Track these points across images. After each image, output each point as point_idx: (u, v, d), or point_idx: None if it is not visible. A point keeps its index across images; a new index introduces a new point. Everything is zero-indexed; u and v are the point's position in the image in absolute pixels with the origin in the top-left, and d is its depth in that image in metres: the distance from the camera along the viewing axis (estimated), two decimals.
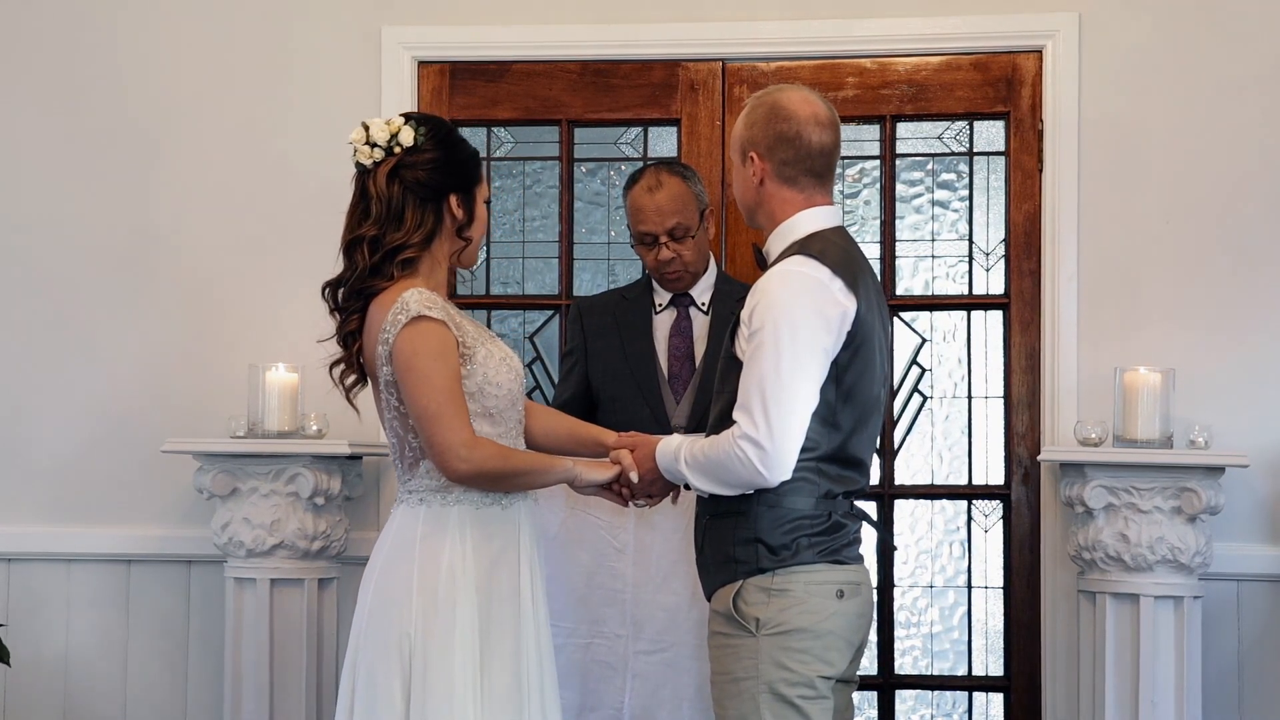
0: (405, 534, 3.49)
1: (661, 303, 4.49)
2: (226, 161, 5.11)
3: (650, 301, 4.50)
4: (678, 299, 4.48)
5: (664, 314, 4.49)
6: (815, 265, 3.38)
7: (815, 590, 3.40)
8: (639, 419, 4.21)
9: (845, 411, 3.42)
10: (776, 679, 3.38)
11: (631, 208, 4.44)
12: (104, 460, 5.09)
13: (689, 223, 4.39)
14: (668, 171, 4.44)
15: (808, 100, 3.52)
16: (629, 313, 4.51)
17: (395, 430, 3.53)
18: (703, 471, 3.44)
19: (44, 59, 5.16)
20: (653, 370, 4.42)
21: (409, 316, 3.42)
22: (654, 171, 4.45)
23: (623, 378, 4.44)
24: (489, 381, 3.50)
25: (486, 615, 3.46)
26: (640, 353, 4.45)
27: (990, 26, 4.95)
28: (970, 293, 5.02)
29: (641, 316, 4.49)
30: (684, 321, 4.46)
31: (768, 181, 3.52)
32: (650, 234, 4.40)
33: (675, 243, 4.38)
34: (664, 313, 4.48)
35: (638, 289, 4.56)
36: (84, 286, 5.13)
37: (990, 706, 4.98)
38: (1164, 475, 4.54)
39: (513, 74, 5.09)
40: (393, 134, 3.52)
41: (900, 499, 5.01)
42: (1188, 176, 4.86)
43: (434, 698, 3.38)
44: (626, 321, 4.49)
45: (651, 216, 4.38)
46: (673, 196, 4.39)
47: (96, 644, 5.08)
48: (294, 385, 4.86)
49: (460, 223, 3.58)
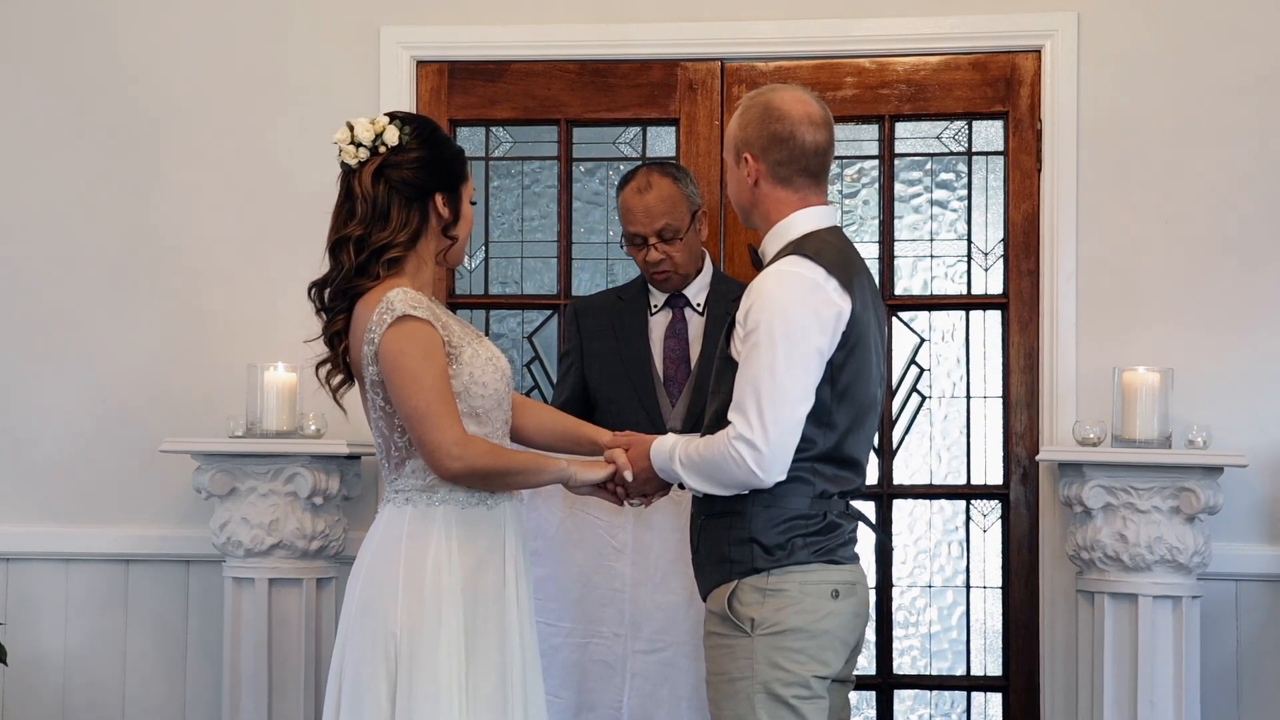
0: (391, 534, 3.48)
1: (657, 304, 4.48)
2: (225, 161, 5.11)
3: (646, 302, 4.50)
4: (673, 300, 4.46)
5: (659, 315, 4.48)
6: (810, 265, 3.37)
7: (810, 590, 3.39)
8: (635, 420, 4.21)
9: (840, 411, 3.41)
10: (772, 679, 3.37)
11: (621, 208, 4.43)
12: (102, 460, 5.09)
13: (678, 224, 4.37)
14: (659, 172, 4.43)
15: (801, 100, 3.51)
16: (625, 314, 4.50)
17: (381, 430, 3.52)
18: (697, 472, 3.43)
19: (41, 59, 5.16)
20: (648, 371, 4.42)
21: (394, 316, 3.40)
22: (645, 172, 4.44)
23: (618, 379, 4.43)
24: (475, 381, 3.49)
25: (472, 615, 3.45)
26: (635, 354, 4.44)
27: (989, 26, 4.94)
28: (969, 292, 5.02)
29: (637, 318, 4.48)
30: (679, 323, 4.45)
31: (762, 182, 3.51)
32: (639, 235, 4.39)
33: (664, 244, 4.37)
34: (659, 314, 4.48)
35: (633, 289, 4.55)
36: (82, 286, 5.13)
37: (989, 706, 4.98)
38: (1162, 475, 4.54)
39: (511, 74, 5.08)
40: (377, 133, 3.51)
41: (899, 499, 5.01)
42: (1187, 176, 4.86)
43: (419, 697, 3.38)
44: (622, 323, 4.48)
45: (640, 217, 4.38)
46: (662, 198, 4.37)
47: (95, 644, 5.08)
48: (292, 385, 4.86)
49: (446, 222, 3.56)
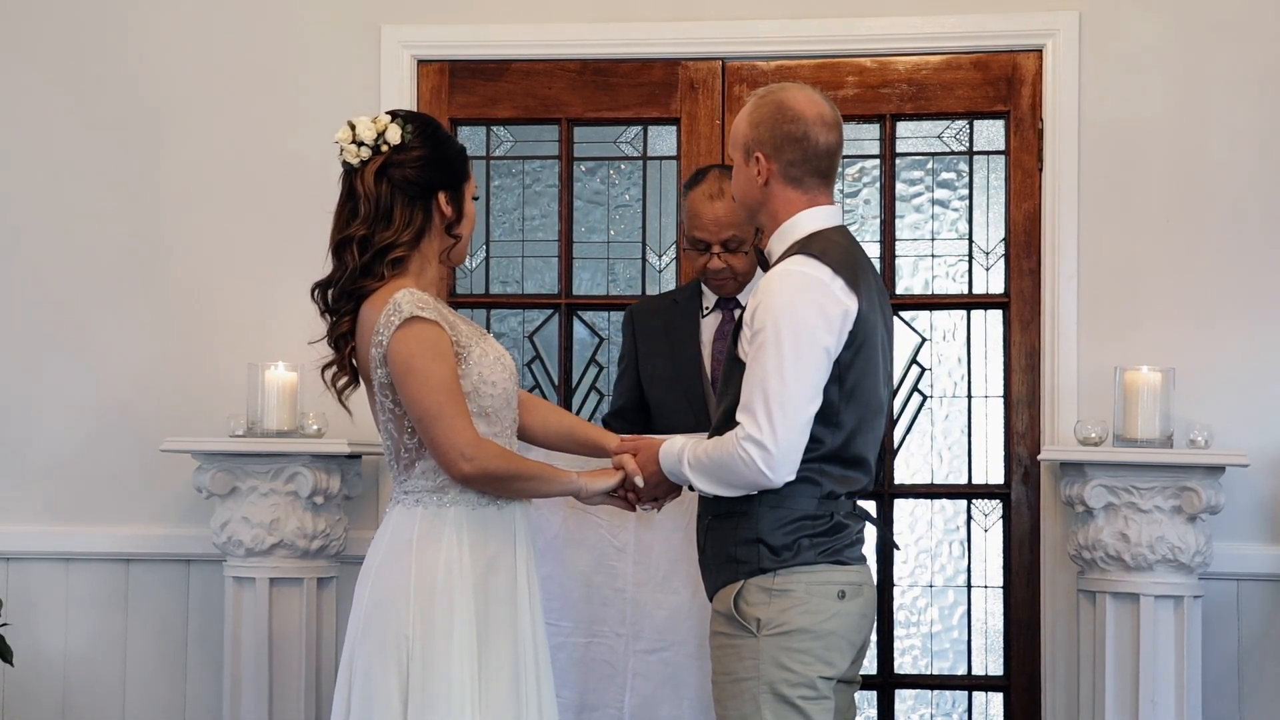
0: (401, 535, 3.47)
1: (708, 305, 4.39)
2: (225, 160, 5.10)
3: (698, 305, 4.41)
4: (724, 302, 4.36)
5: (710, 317, 4.38)
6: (816, 265, 3.37)
7: (817, 590, 3.39)
8: (685, 423, 4.11)
9: (848, 411, 3.40)
10: (778, 679, 3.37)
11: (690, 211, 4.29)
12: (103, 459, 5.08)
13: (744, 235, 4.24)
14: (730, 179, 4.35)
15: (813, 100, 3.50)
16: (678, 317, 4.42)
17: (390, 432, 3.51)
18: (706, 473, 3.43)
19: (43, 58, 5.16)
20: (698, 374, 4.35)
21: (402, 318, 3.39)
22: (718, 177, 4.27)
23: (669, 382, 4.36)
24: (484, 380, 3.48)
25: (483, 616, 3.44)
26: (686, 357, 4.36)
27: (990, 25, 4.95)
28: (970, 292, 5.02)
29: (689, 320, 4.41)
30: (728, 325, 4.32)
31: (773, 182, 3.49)
32: (705, 242, 4.27)
33: (728, 254, 4.27)
34: (710, 316, 4.39)
35: (688, 292, 4.46)
36: (83, 285, 5.12)
37: (990, 706, 4.98)
38: (1164, 475, 4.54)
39: (512, 73, 5.08)
40: (379, 132, 3.49)
41: (900, 498, 5.01)
42: (1188, 176, 4.86)
43: (432, 699, 3.37)
44: (675, 325, 4.40)
45: (709, 224, 4.24)
46: (732, 209, 4.15)
47: (96, 643, 5.08)
48: (293, 384, 4.85)
49: (449, 220, 3.54)
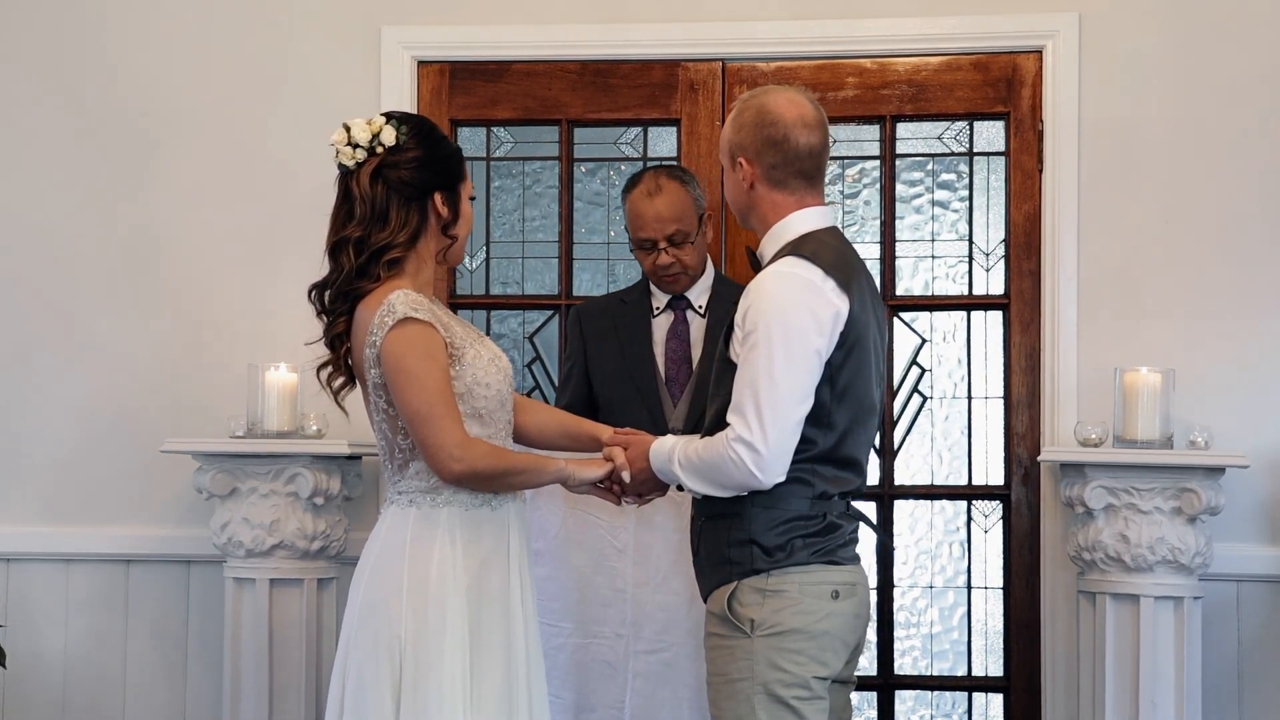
0: (395, 536, 3.47)
1: (659, 305, 4.48)
2: (225, 161, 5.11)
3: (648, 304, 4.49)
4: (675, 302, 4.46)
5: (661, 317, 4.48)
6: (807, 266, 3.37)
7: (810, 591, 3.39)
8: (637, 421, 4.18)
9: (840, 412, 3.41)
10: (772, 680, 3.37)
11: (630, 213, 4.41)
12: (103, 460, 5.09)
13: (688, 229, 4.37)
14: (666, 176, 4.41)
15: (794, 102, 3.50)
16: (627, 316, 4.49)
17: (384, 432, 3.52)
18: (697, 473, 3.43)
19: (41, 58, 5.16)
20: (650, 373, 4.42)
21: (395, 319, 3.40)
22: (653, 176, 4.42)
23: (621, 381, 4.43)
24: (478, 382, 3.48)
25: (477, 617, 3.45)
26: (638, 355, 4.44)
27: (990, 27, 4.94)
28: (970, 293, 5.02)
29: (640, 320, 4.48)
30: (681, 324, 4.45)
31: (758, 185, 3.50)
32: (649, 240, 4.38)
33: (674, 248, 4.37)
34: (661, 315, 4.48)
35: (636, 292, 4.55)
36: (83, 286, 5.13)
37: (990, 707, 4.97)
38: (1164, 476, 4.53)
39: (512, 74, 5.08)
40: (374, 134, 3.50)
41: (900, 499, 5.00)
42: (1188, 176, 4.86)
43: (425, 700, 3.37)
44: (625, 325, 4.48)
45: (651, 223, 4.36)
46: (672, 203, 4.36)
47: (95, 644, 5.08)
48: (293, 385, 4.85)
49: (445, 221, 3.55)
